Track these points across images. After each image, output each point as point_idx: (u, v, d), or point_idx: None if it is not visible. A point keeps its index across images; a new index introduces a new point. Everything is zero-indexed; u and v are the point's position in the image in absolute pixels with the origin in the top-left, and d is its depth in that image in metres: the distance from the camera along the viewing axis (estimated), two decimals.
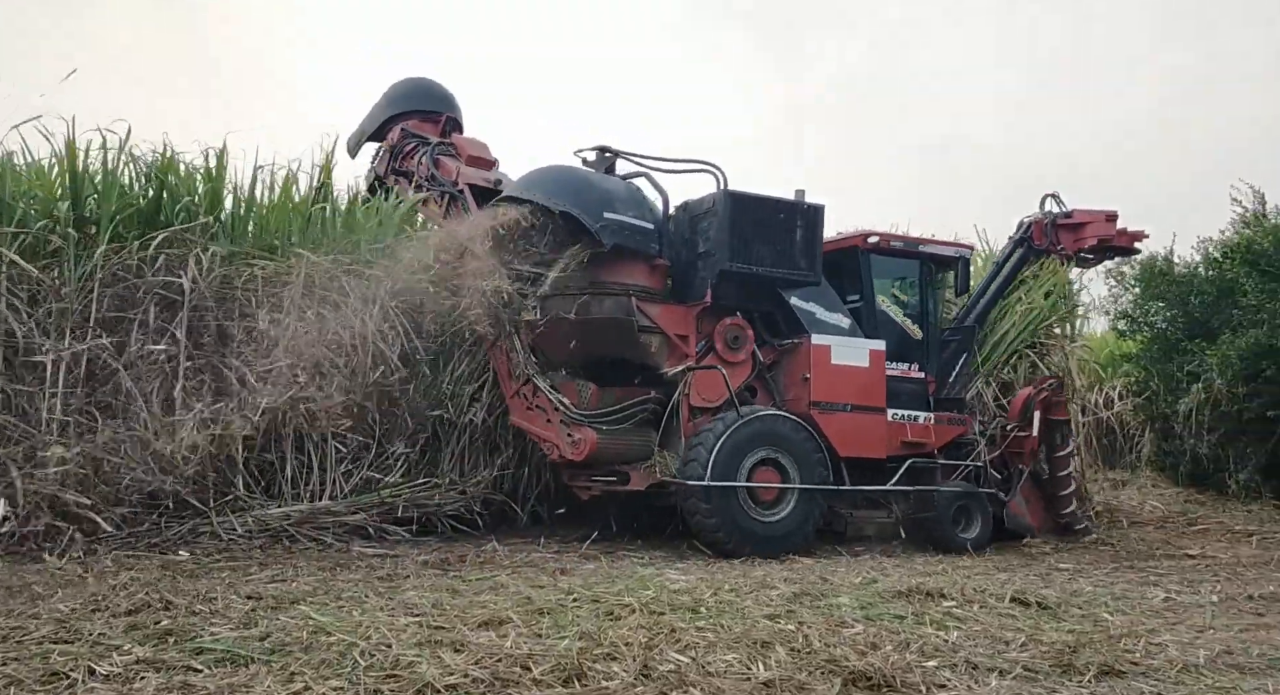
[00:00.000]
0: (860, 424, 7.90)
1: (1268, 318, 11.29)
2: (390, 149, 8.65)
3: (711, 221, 7.55)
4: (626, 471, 7.44)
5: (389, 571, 5.85)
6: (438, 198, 8.06)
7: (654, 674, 3.46)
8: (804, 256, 7.73)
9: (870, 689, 3.51)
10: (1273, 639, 4.44)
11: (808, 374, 7.78)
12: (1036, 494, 8.82)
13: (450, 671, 3.26)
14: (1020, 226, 9.40)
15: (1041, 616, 4.87)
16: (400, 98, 8.81)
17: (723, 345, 7.67)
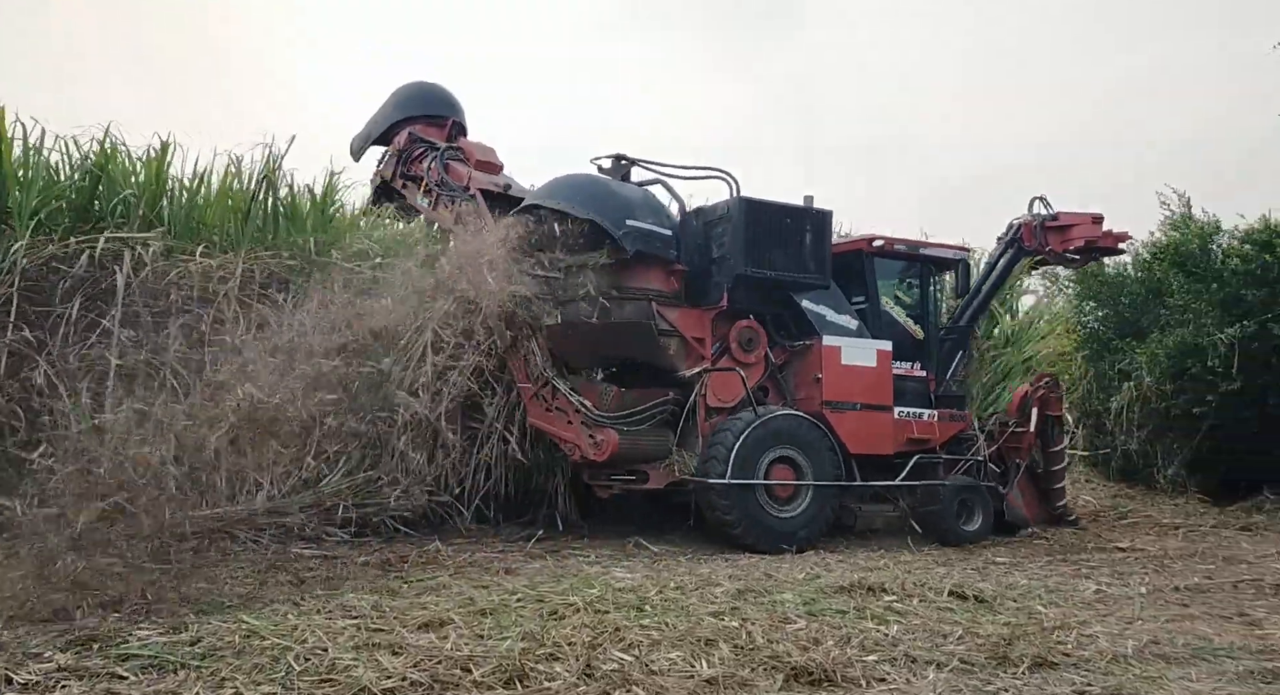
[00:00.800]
0: (869, 422, 8.18)
1: (1193, 317, 11.72)
2: (397, 153, 8.71)
3: (726, 227, 7.78)
4: (645, 470, 7.61)
5: (327, 573, 5.74)
6: (448, 202, 8.16)
7: (597, 673, 3.44)
8: (814, 260, 7.99)
9: (811, 684, 3.54)
10: (1197, 629, 4.58)
11: (819, 374, 8.04)
12: (1031, 487, 9.12)
13: (388, 675, 3.20)
14: (1010, 228, 9.65)
15: (978, 609, 4.96)
16: (407, 102, 8.87)
17: (737, 347, 7.91)
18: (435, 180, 8.21)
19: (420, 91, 8.96)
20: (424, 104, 8.87)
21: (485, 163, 8.36)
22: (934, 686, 3.47)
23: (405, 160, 8.60)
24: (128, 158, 7.59)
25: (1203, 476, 11.57)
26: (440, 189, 8.18)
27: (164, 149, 7.50)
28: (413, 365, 7.19)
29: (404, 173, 8.61)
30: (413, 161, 8.58)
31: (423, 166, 8.47)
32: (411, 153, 8.60)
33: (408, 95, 8.91)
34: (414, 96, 8.90)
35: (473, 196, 7.97)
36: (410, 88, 8.97)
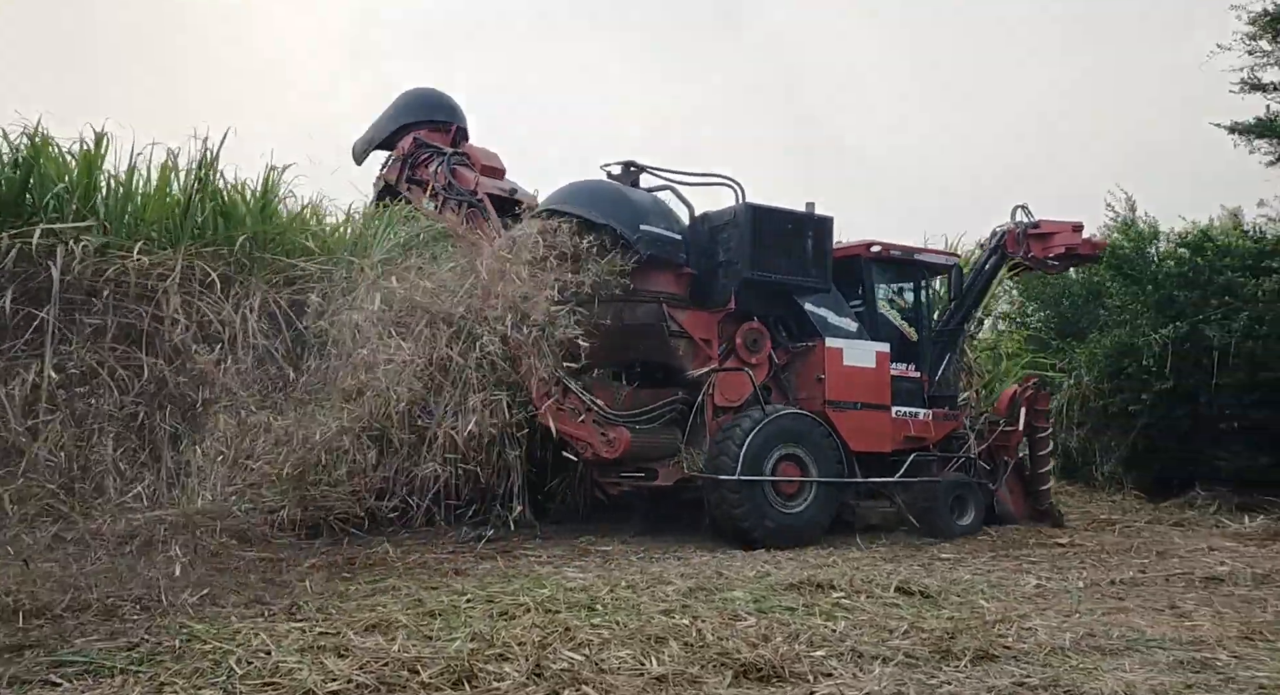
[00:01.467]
0: (869, 421, 8.45)
1: (1130, 318, 12.08)
2: (402, 158, 8.84)
3: (732, 232, 7.98)
4: (654, 468, 7.78)
5: (272, 575, 5.61)
6: (455, 206, 8.34)
7: (546, 673, 3.43)
8: (816, 265, 8.26)
9: (760, 680, 3.57)
10: (1131, 621, 4.72)
11: (822, 374, 8.30)
12: (1018, 484, 9.45)
13: (333, 677, 3.15)
14: (994, 236, 10.00)
15: (923, 605, 5.05)
16: (411, 107, 9.06)
17: (743, 348, 8.13)
18: (442, 184, 8.40)
19: (424, 97, 9.16)
20: (428, 109, 9.06)
21: (490, 168, 8.60)
22: (879, 681, 3.52)
23: (411, 164, 8.76)
24: (59, 151, 7.35)
25: (1138, 473, 11.92)
26: (447, 193, 8.38)
27: (98, 141, 7.29)
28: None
29: (410, 177, 8.77)
30: (419, 166, 8.75)
31: (429, 171, 8.63)
32: (417, 157, 8.77)
33: (412, 101, 9.10)
34: (418, 102, 9.10)
35: (480, 201, 8.17)
36: (414, 93, 9.17)
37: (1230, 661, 3.89)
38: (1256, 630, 4.52)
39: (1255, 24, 10.45)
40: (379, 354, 6.93)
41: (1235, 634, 4.46)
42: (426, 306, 7.27)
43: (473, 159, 8.63)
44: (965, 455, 8.95)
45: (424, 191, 8.67)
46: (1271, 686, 3.52)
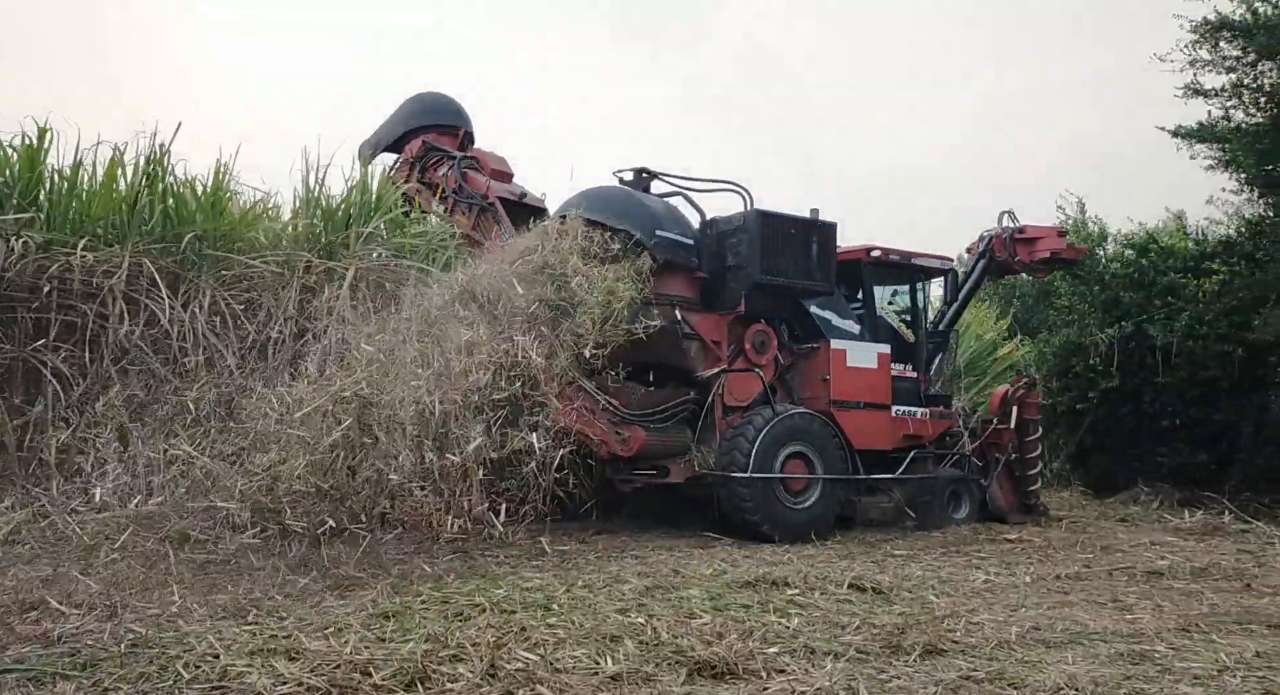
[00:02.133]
0: (871, 420, 8.82)
1: (1078, 318, 12.38)
2: (412, 161, 9.03)
3: (741, 237, 8.26)
4: (666, 465, 8.02)
5: (221, 577, 5.51)
6: (465, 209, 8.57)
7: (501, 673, 3.43)
8: (821, 268, 8.57)
9: (714, 677, 3.60)
10: (1075, 615, 4.84)
11: (827, 375, 8.64)
12: (1008, 480, 9.76)
13: (283, 680, 3.12)
14: (982, 240, 10.31)
15: (875, 601, 5.13)
16: (420, 112, 9.26)
17: (751, 349, 8.41)
18: (453, 188, 8.59)
19: (433, 102, 9.35)
20: (437, 113, 9.24)
21: (499, 171, 8.76)
22: (830, 676, 3.57)
23: (421, 167, 8.94)
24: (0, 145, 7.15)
25: (1085, 470, 12.21)
26: (458, 197, 8.59)
27: (41, 136, 7.10)
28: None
29: (420, 179, 8.94)
30: (428, 169, 8.94)
31: (439, 174, 8.81)
32: (427, 160, 8.96)
33: (421, 105, 9.28)
34: (428, 107, 9.28)
35: (491, 204, 8.35)
36: (423, 98, 9.34)
37: (1168, 653, 4.01)
38: (1193, 622, 4.66)
39: (1196, 32, 10.74)
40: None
41: (1173, 626, 4.60)
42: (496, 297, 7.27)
43: (482, 163, 8.87)
44: (959, 452, 9.30)
45: (434, 194, 8.82)
46: (1205, 677, 3.64)
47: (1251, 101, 10.76)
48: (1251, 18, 10.52)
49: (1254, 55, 10.58)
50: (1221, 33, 10.67)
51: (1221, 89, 10.89)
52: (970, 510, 9.18)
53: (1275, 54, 10.35)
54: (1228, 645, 4.20)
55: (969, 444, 9.39)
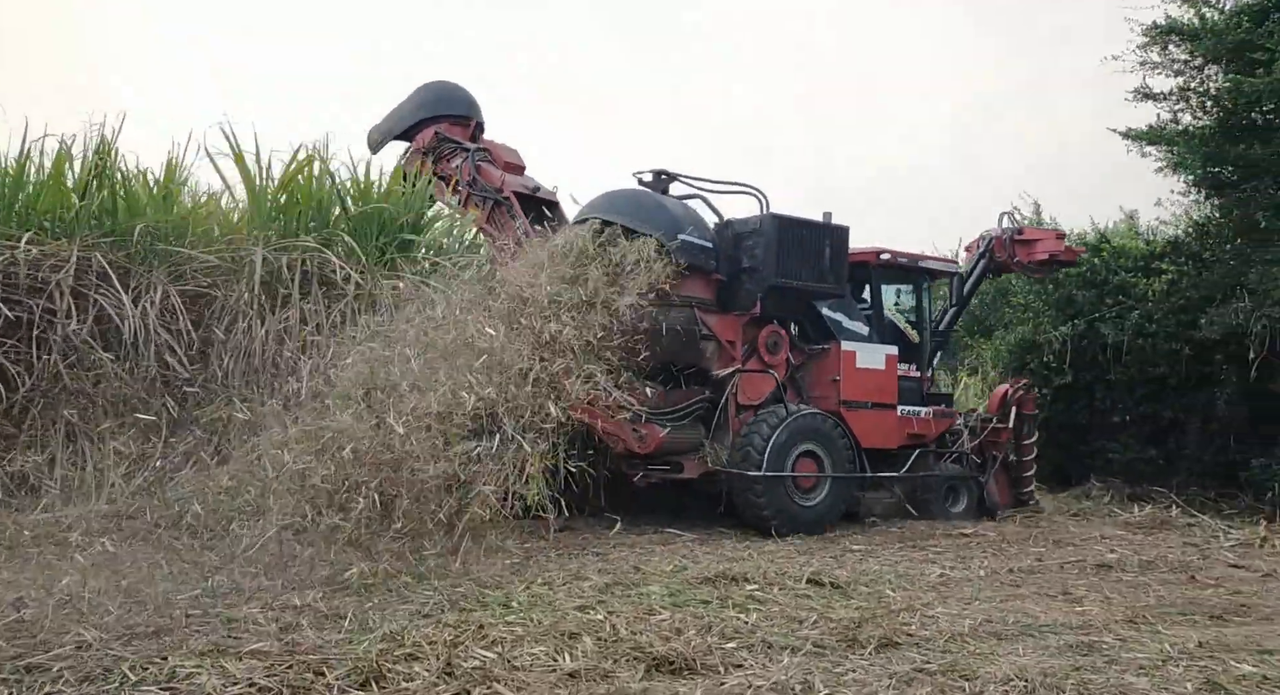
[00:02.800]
0: (878, 419, 9.05)
1: (1033, 316, 12.60)
2: (423, 151, 9.01)
3: (757, 240, 8.40)
4: (680, 462, 8.16)
5: (172, 577, 5.40)
6: (479, 202, 8.63)
7: (457, 671, 3.41)
8: (833, 271, 8.71)
9: (673, 673, 3.62)
10: (1026, 608, 4.94)
11: (837, 376, 8.85)
12: (1004, 476, 10.05)
13: (234, 681, 3.07)
14: (983, 241, 10.48)
15: (833, 595, 5.19)
16: (432, 101, 9.22)
17: (764, 350, 8.56)
18: (466, 180, 8.62)
19: (445, 92, 9.29)
20: (449, 104, 9.22)
21: (511, 164, 8.80)
22: (787, 670, 3.60)
23: (436, 158, 8.93)
24: None
25: (1039, 465, 12.43)
26: (472, 189, 8.62)
27: None
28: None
29: (433, 171, 8.92)
30: (441, 160, 8.93)
31: (452, 165, 8.81)
32: (440, 151, 8.94)
33: (433, 95, 9.22)
34: (439, 96, 9.24)
35: (506, 198, 8.42)
36: (435, 87, 9.29)
37: (1115, 644, 4.11)
38: (1140, 614, 4.78)
39: (1146, 35, 10.98)
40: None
41: (1121, 618, 4.71)
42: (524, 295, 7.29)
43: (494, 155, 8.79)
44: (959, 450, 9.60)
45: (446, 185, 8.85)
46: (1150, 666, 3.73)
47: (1199, 105, 11.03)
48: (1199, 22, 10.78)
49: (1201, 59, 10.84)
50: (1170, 36, 10.92)
51: (1170, 92, 11.15)
52: (968, 505, 9.46)
53: (1221, 58, 10.62)
54: (1172, 635, 4.30)
55: (968, 442, 9.67)
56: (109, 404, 7.03)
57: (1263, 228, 10.34)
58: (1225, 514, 9.60)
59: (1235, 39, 10.29)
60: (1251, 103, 10.27)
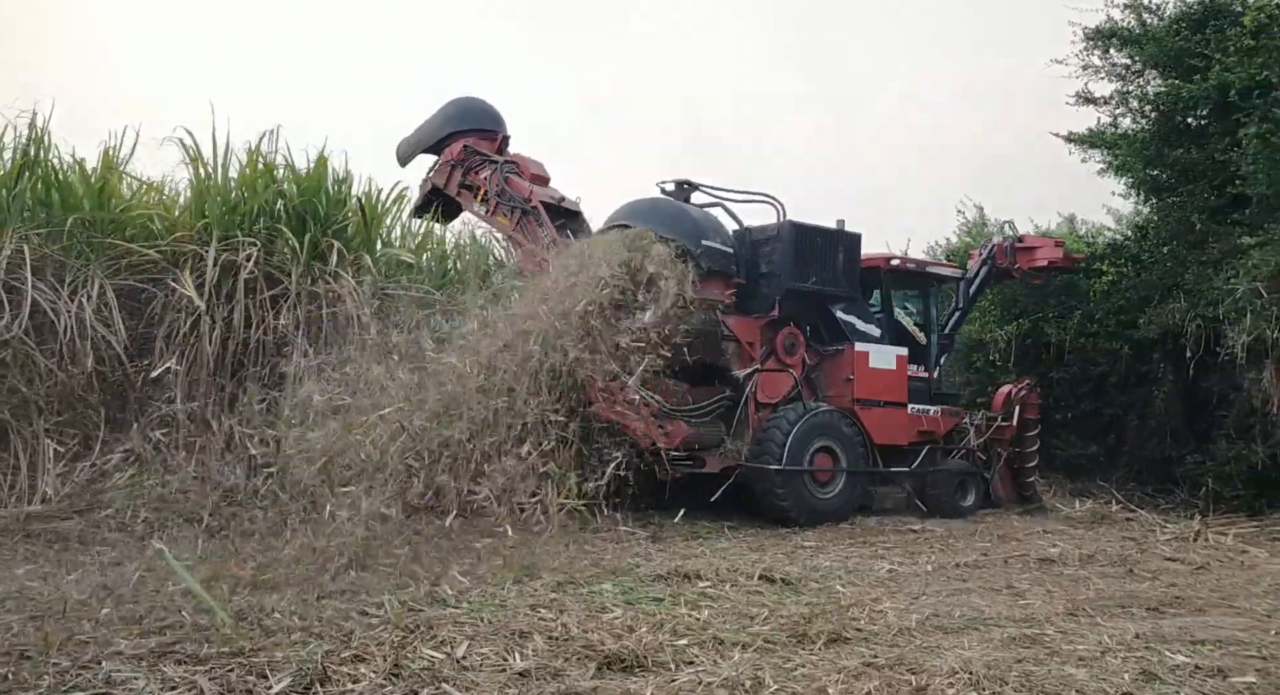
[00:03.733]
0: (890, 417, 9.48)
1: (979, 315, 12.84)
2: (452, 163, 9.36)
3: (775, 246, 8.89)
4: (703, 457, 8.46)
5: (109, 580, 5.24)
6: (507, 211, 8.97)
7: (405, 672, 3.35)
8: (846, 276, 9.21)
9: (624, 670, 3.60)
10: (972, 602, 5.02)
11: (851, 375, 9.25)
12: (1007, 472, 10.40)
13: (173, 686, 2.98)
14: (986, 248, 10.99)
15: (784, 592, 5.22)
16: (461, 116, 9.60)
17: (782, 351, 8.95)
18: (495, 191, 8.99)
19: (474, 107, 9.70)
20: (477, 118, 9.60)
21: (538, 176, 9.17)
22: (737, 666, 3.61)
23: (465, 170, 9.29)
24: None
25: None
26: (501, 200, 8.99)
27: None
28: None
29: (462, 182, 9.31)
30: (471, 172, 9.27)
31: (480, 177, 9.19)
32: (469, 164, 9.30)
33: (462, 109, 9.64)
34: (468, 111, 9.65)
35: (535, 208, 8.76)
36: (464, 102, 9.72)
37: (1056, 636, 4.20)
38: (1080, 607, 4.89)
39: (1089, 39, 11.26)
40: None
41: (1062, 610, 4.81)
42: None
43: (522, 167, 9.17)
44: (966, 447, 9.99)
45: (475, 196, 9.24)
46: (1090, 658, 3.82)
47: (1138, 110, 11.34)
48: (1140, 28, 11.08)
49: (1141, 65, 11.15)
50: (1112, 40, 11.21)
51: (1110, 97, 11.44)
52: (976, 499, 9.85)
53: (1160, 64, 10.92)
54: (1111, 627, 4.41)
55: (974, 439, 10.05)
56: (44, 402, 6.80)
57: (1198, 230, 10.67)
58: (1162, 509, 9.88)
59: (1174, 46, 10.60)
60: (1188, 108, 10.60)
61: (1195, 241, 10.67)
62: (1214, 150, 10.34)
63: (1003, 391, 10.57)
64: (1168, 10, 11.03)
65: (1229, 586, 5.70)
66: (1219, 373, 9.85)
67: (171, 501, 6.83)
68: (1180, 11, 10.94)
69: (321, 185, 8.44)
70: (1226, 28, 10.29)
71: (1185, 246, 10.78)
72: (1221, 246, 10.11)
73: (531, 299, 7.57)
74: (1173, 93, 10.50)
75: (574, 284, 7.49)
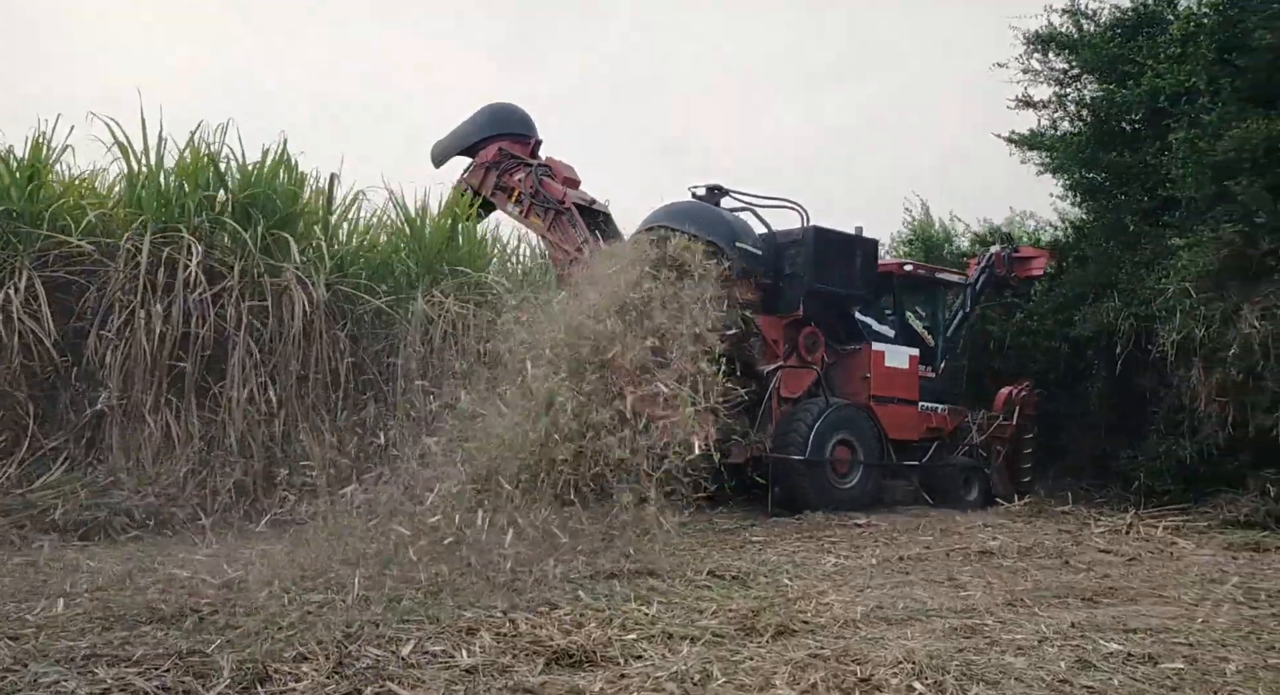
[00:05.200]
0: (903, 413, 10.09)
1: None
2: (487, 165, 9.88)
3: (799, 250, 9.45)
4: (729, 448, 8.65)
5: (36, 582, 5.05)
6: (540, 212, 9.44)
7: (349, 671, 3.29)
8: (864, 279, 9.80)
9: (572, 666, 3.58)
10: (915, 594, 5.10)
11: (868, 373, 9.82)
12: (1005, 467, 10.96)
13: (105, 688, 2.88)
14: (986, 257, 11.72)
15: (733, 586, 5.25)
16: (497, 120, 10.14)
17: (804, 349, 9.45)
18: (529, 192, 9.45)
19: (509, 112, 10.23)
20: (511, 123, 10.13)
21: (570, 179, 9.65)
22: (686, 660, 3.62)
23: (500, 173, 9.79)
24: None
25: None
26: (535, 201, 9.45)
27: None
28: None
29: (497, 183, 9.80)
30: (506, 174, 9.76)
31: (515, 179, 9.68)
32: (504, 166, 9.79)
33: (497, 114, 10.17)
34: (502, 116, 10.18)
35: (568, 210, 9.18)
36: (499, 108, 10.25)
37: (996, 626, 4.28)
38: (1018, 598, 5.00)
39: (1028, 43, 11.55)
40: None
41: (1001, 601, 4.92)
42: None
43: (555, 171, 9.59)
44: (969, 443, 10.54)
45: (509, 197, 9.69)
46: (1028, 647, 3.91)
47: (1075, 113, 11.65)
48: (1078, 33, 11.39)
49: (1078, 69, 11.46)
50: (1051, 45, 11.50)
51: (1049, 100, 11.74)
52: (979, 492, 10.39)
53: (1096, 69, 11.24)
54: (1048, 617, 4.52)
55: (977, 436, 10.58)
56: None
57: (1131, 231, 11.00)
58: (1096, 503, 10.16)
59: (1109, 52, 10.91)
60: (1122, 113, 10.93)
61: (1129, 242, 10.99)
62: (1146, 154, 10.67)
63: (1003, 392, 11.09)
64: (1103, 17, 11.36)
65: (1159, 577, 5.89)
66: (1151, 370, 10.15)
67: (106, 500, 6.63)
68: (1114, 18, 11.27)
69: (270, 178, 8.23)
70: (1158, 35, 10.63)
71: (1119, 247, 11.10)
72: (1153, 247, 10.42)
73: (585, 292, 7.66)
74: (1108, 97, 10.81)
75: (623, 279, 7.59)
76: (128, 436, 6.96)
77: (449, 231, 9.52)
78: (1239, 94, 9.59)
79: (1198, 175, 9.59)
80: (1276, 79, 9.36)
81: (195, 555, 5.72)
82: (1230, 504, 8.88)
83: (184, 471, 6.98)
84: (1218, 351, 9.04)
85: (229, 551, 5.68)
